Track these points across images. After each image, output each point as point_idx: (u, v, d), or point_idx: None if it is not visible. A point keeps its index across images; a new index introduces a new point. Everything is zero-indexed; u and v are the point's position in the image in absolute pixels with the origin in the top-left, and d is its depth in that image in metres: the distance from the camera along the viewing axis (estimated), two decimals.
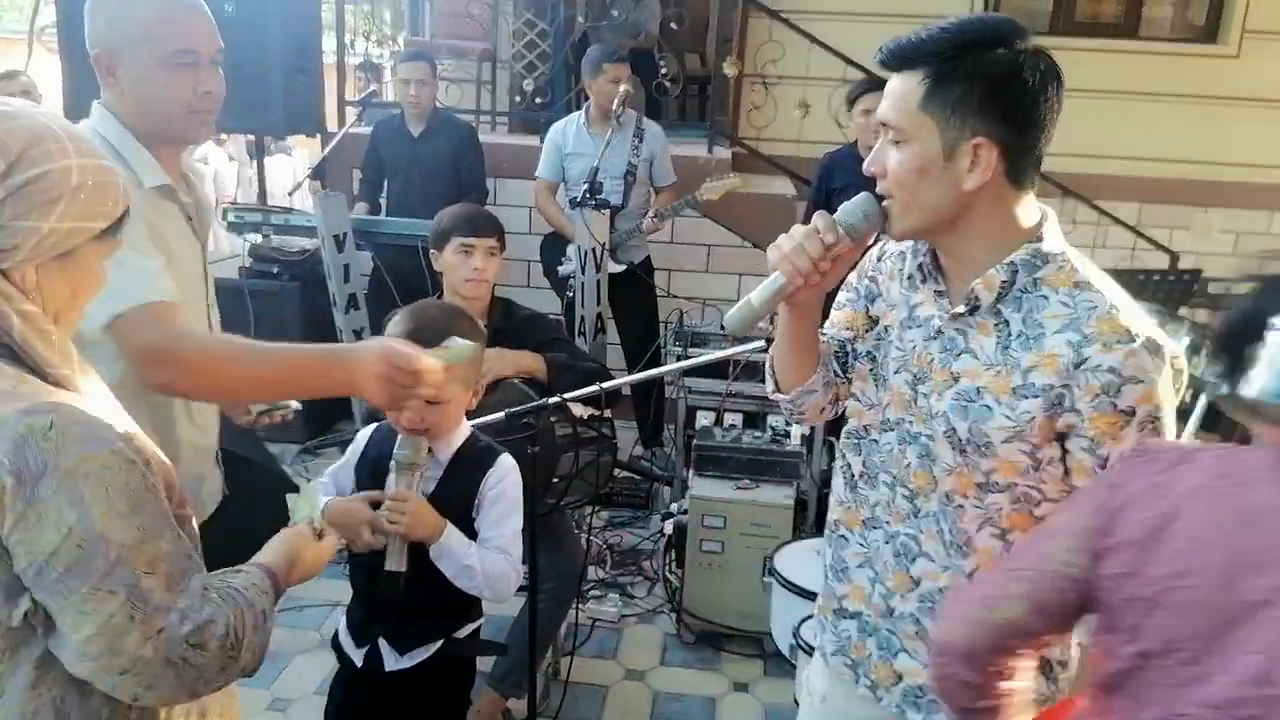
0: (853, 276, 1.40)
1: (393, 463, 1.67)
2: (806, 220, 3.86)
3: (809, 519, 3.13)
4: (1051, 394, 1.12)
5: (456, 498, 1.74)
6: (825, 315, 1.42)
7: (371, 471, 1.77)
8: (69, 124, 1.01)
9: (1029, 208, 1.18)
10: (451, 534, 1.66)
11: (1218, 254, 5.37)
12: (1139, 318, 1.13)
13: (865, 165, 1.21)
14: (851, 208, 1.20)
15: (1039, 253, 1.16)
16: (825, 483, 3.11)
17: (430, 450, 1.68)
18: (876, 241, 1.36)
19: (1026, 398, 1.14)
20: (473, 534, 1.74)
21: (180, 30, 1.52)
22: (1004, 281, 1.16)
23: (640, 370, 3.68)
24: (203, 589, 1.01)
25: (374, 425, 1.87)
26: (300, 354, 1.43)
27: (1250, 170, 5.48)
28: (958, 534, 1.23)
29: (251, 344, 1.42)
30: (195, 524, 1.12)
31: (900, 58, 1.14)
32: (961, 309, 1.19)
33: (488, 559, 1.69)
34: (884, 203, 1.19)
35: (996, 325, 1.17)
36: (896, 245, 1.34)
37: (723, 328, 1.31)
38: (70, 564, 0.91)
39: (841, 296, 1.41)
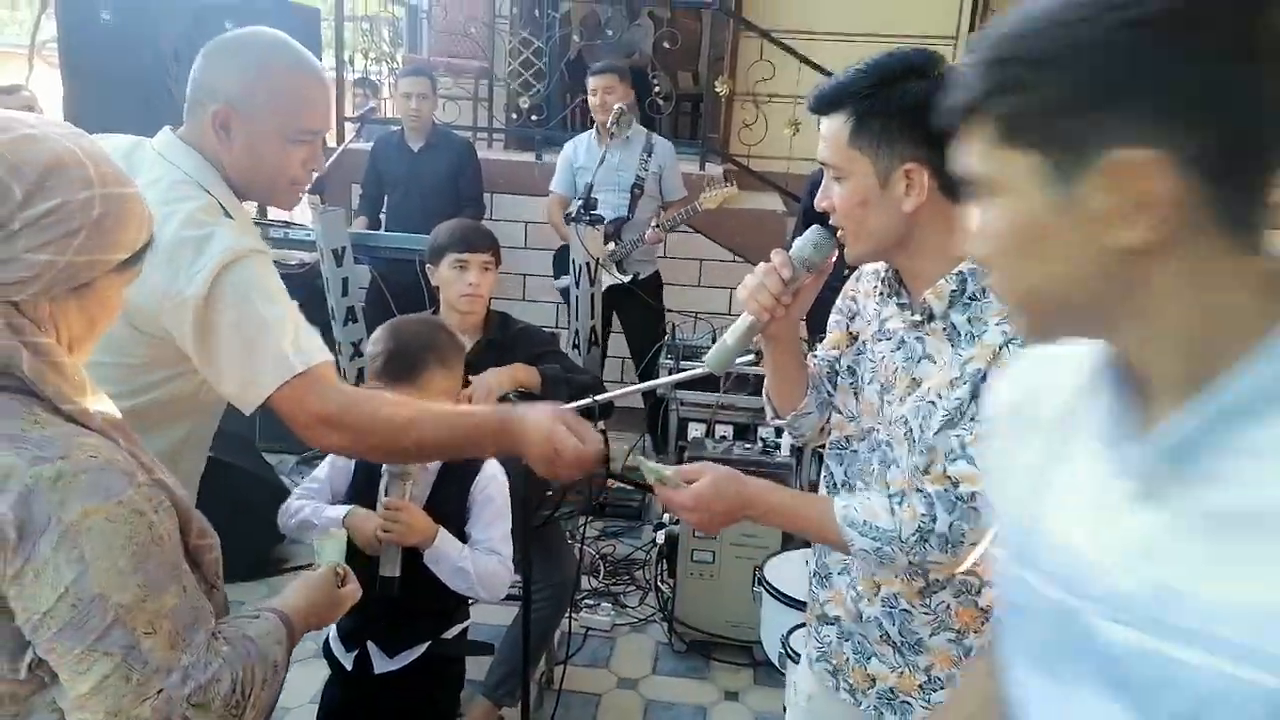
0: (839, 299, 1.47)
1: (385, 472, 1.72)
2: (797, 235, 3.93)
3: None
4: (979, 376, 1.17)
5: (450, 504, 1.80)
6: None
7: (365, 477, 1.82)
8: (92, 145, 0.95)
9: (972, 216, 1.24)
10: (444, 538, 1.71)
11: None
12: None
13: (815, 202, 1.29)
14: (803, 242, 1.29)
15: None
16: (813, 491, 3.16)
17: None
18: (853, 270, 1.43)
19: (960, 385, 1.19)
20: (464, 539, 1.79)
21: (313, 109, 1.49)
22: (953, 290, 1.22)
23: (644, 366, 3.77)
24: (209, 642, 0.97)
25: None
26: (471, 420, 1.43)
27: None
28: None
29: (421, 407, 1.41)
30: (217, 551, 1.08)
31: (825, 102, 1.22)
32: (917, 317, 1.26)
33: (480, 560, 1.74)
34: (838, 234, 1.27)
35: (945, 330, 1.24)
36: (873, 265, 1.40)
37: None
38: (64, 624, 0.88)
39: (831, 319, 1.49)
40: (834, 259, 1.31)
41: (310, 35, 4.33)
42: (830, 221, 1.27)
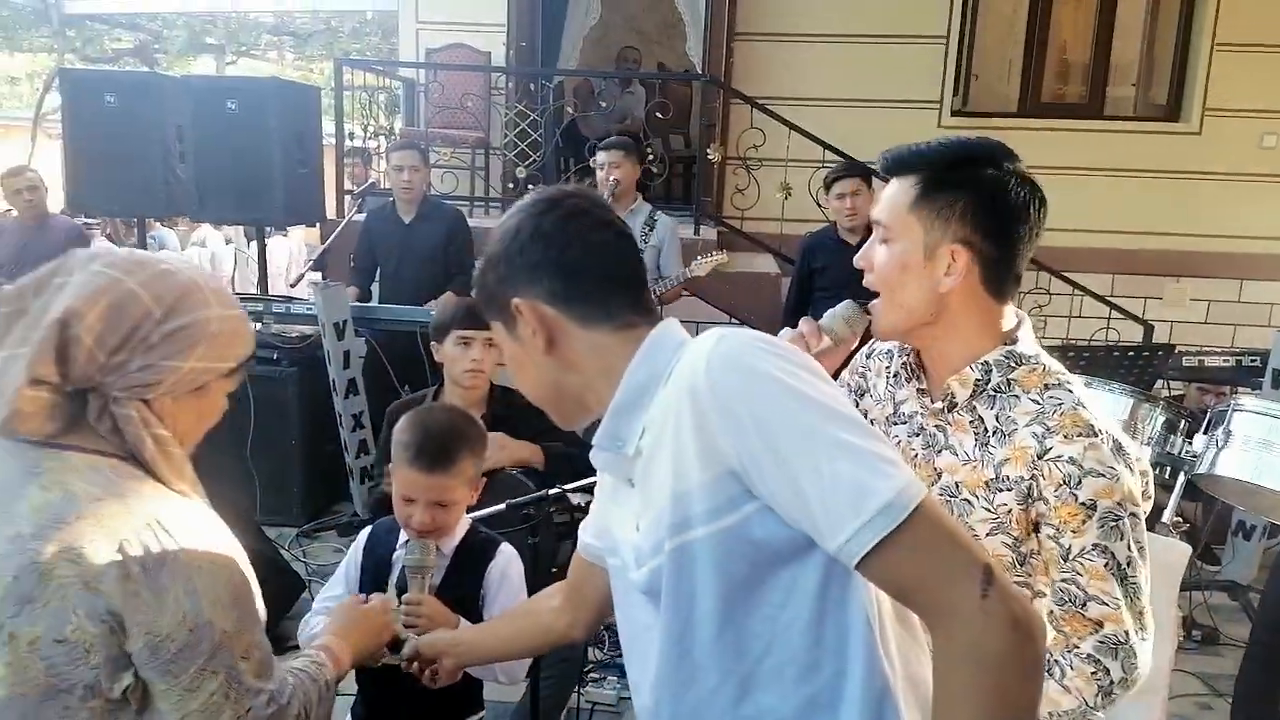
0: (845, 374, 1.47)
1: (397, 563, 1.72)
2: (792, 299, 3.93)
3: None
4: (1023, 485, 1.18)
5: (464, 589, 1.79)
6: None
7: (375, 571, 1.82)
8: (210, 276, 1.20)
9: (1006, 314, 1.26)
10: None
11: (1190, 322, 5.53)
12: (1105, 419, 1.19)
13: (856, 259, 1.30)
14: (835, 315, 1.30)
15: (1013, 354, 1.23)
16: None
17: (437, 548, 1.74)
18: (865, 342, 1.44)
19: (1002, 490, 1.19)
20: (478, 621, 1.78)
21: None
22: (978, 380, 1.22)
23: None
24: (283, 677, 1.17)
25: (372, 525, 1.92)
26: None
27: (1217, 240, 5.68)
28: None
29: None
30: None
31: (898, 164, 1.24)
32: (939, 405, 1.26)
33: None
34: (871, 303, 1.28)
35: (972, 422, 1.24)
36: (884, 344, 1.41)
37: None
38: (182, 645, 1.03)
39: None
40: (861, 333, 1.32)
41: (311, 112, 4.44)
42: (866, 282, 1.28)
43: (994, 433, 1.22)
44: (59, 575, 1.00)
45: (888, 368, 1.38)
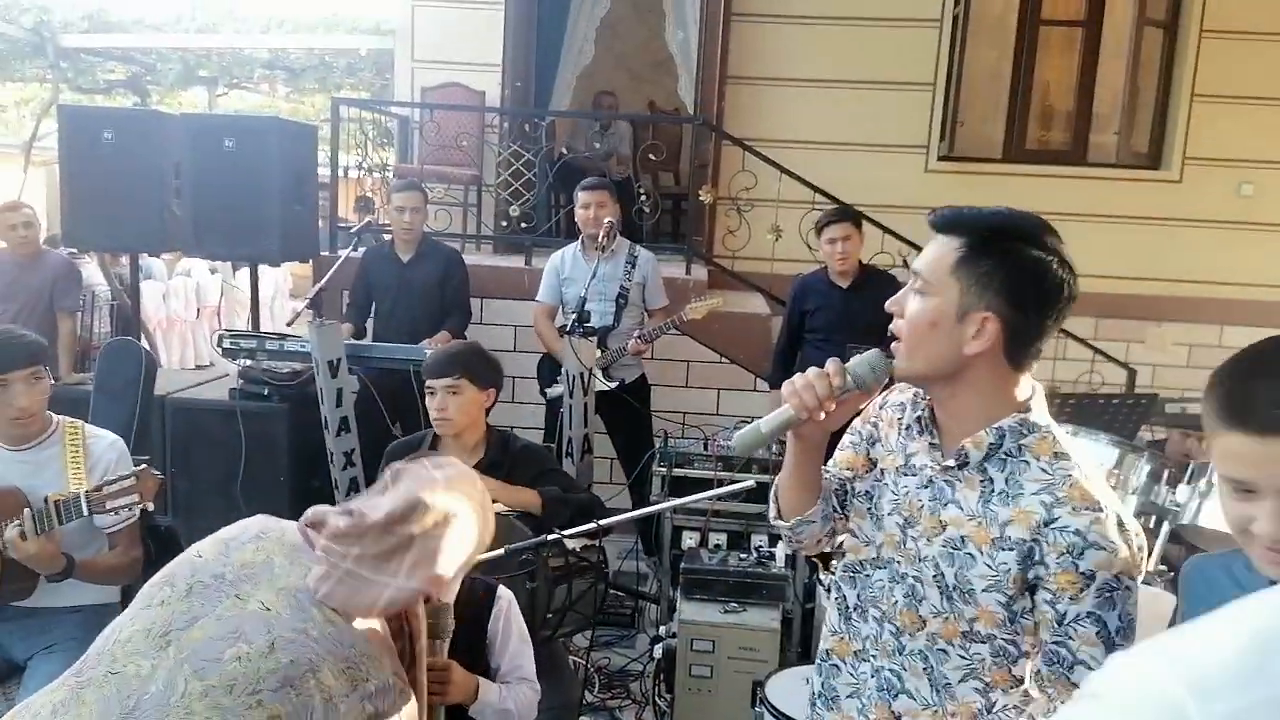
0: (857, 422, 1.50)
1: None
2: (783, 340, 3.96)
3: (793, 640, 3.18)
4: (1024, 547, 1.23)
5: (465, 639, 1.79)
6: (830, 454, 1.52)
7: None
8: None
9: (1022, 384, 1.31)
10: (487, 689, 1.70)
11: (1173, 365, 5.62)
12: (1110, 495, 1.25)
13: (887, 304, 1.34)
14: (861, 361, 1.32)
15: (1026, 422, 1.28)
16: (808, 596, 3.17)
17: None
18: (884, 389, 1.48)
19: (1004, 549, 1.24)
20: (485, 668, 1.78)
21: None
22: (991, 444, 1.28)
23: (636, 473, 3.80)
24: None
25: None
26: None
27: (1198, 286, 5.78)
28: (938, 677, 1.32)
29: None
30: None
31: (947, 223, 1.28)
32: (951, 463, 1.31)
33: (518, 694, 1.73)
34: (893, 344, 1.31)
35: (982, 481, 1.29)
36: (898, 396, 1.45)
37: (728, 446, 1.41)
38: None
39: (846, 439, 1.52)
40: (885, 383, 1.35)
41: (309, 152, 4.48)
42: (892, 327, 1.32)
43: (999, 494, 1.27)
44: (320, 679, 1.13)
45: (900, 420, 1.42)
